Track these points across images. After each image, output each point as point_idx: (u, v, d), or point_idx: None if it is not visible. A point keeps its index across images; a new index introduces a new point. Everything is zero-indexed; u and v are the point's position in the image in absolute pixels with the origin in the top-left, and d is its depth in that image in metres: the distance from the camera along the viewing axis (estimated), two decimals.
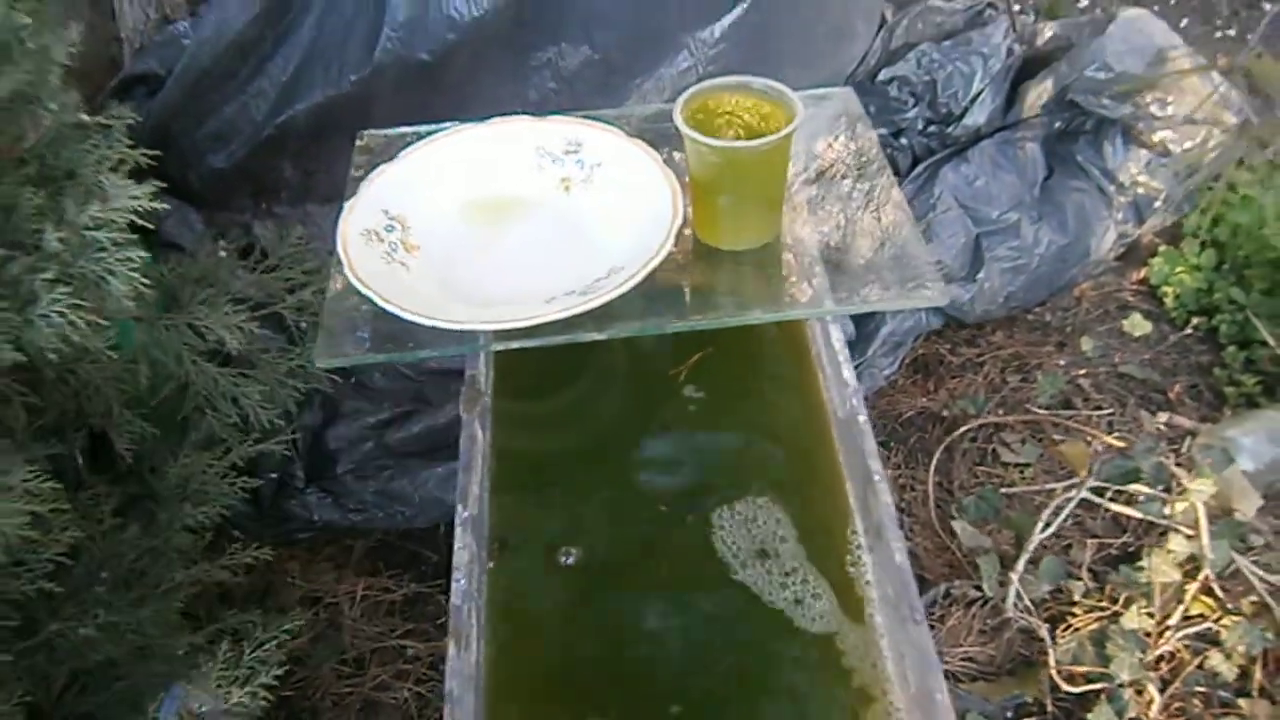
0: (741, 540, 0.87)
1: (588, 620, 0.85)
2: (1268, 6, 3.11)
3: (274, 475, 1.70)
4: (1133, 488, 1.51)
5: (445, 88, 1.69)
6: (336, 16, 1.68)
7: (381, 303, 0.80)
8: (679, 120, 0.86)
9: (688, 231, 0.92)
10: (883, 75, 2.10)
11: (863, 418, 0.84)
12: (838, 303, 0.86)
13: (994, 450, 1.90)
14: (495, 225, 0.92)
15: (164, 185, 0.94)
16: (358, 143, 1.06)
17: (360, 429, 1.78)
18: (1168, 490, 1.46)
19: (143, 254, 0.82)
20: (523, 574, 0.85)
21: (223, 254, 1.12)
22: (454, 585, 0.73)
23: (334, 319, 0.86)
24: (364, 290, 0.81)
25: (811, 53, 1.99)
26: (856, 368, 1.92)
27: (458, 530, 0.76)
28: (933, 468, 1.85)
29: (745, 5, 1.79)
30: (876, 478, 0.79)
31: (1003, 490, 1.80)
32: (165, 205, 0.87)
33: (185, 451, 1.09)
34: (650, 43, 1.79)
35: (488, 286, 0.86)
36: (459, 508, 0.78)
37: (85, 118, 0.86)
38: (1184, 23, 3.03)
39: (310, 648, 1.64)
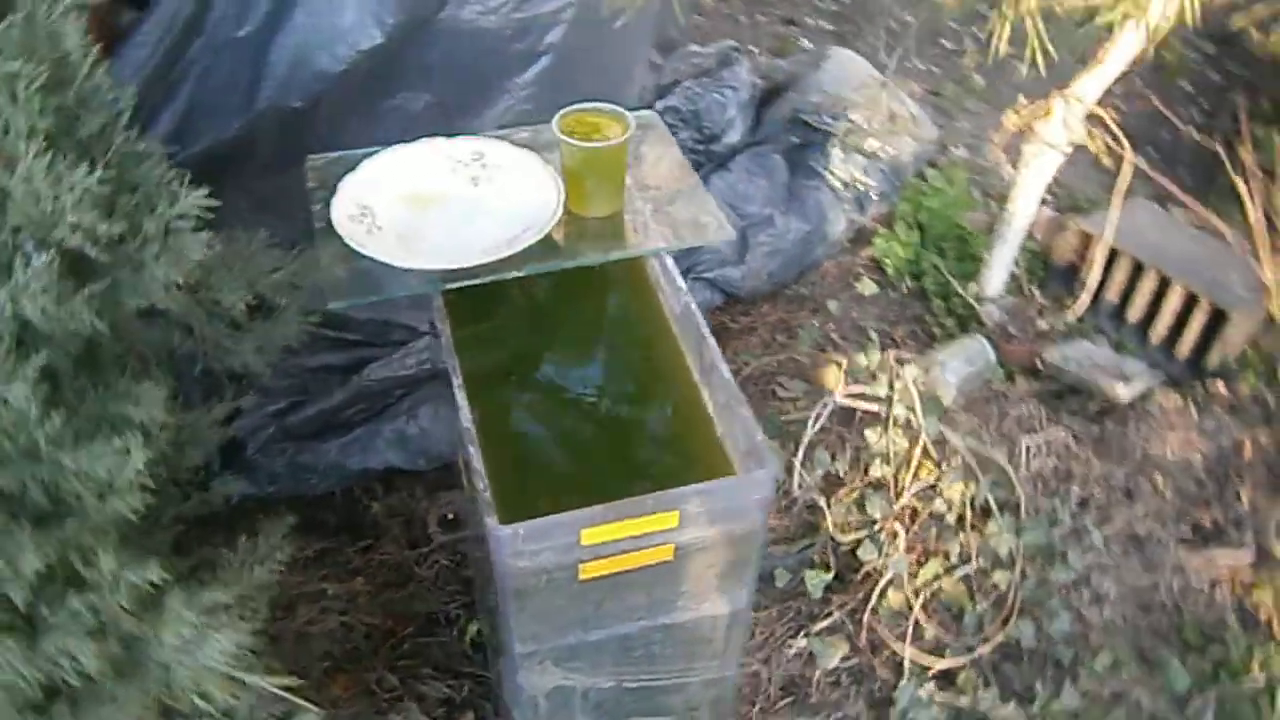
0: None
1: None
2: (969, 44, 3.90)
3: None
4: (870, 390, 2.08)
5: (317, 129, 2.06)
6: (216, 76, 2.02)
7: (379, 256, 1.21)
8: (556, 130, 1.32)
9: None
10: (658, 106, 2.63)
11: (693, 305, 1.31)
12: (664, 243, 1.35)
13: (773, 390, 2.45)
14: (429, 210, 1.34)
15: None
16: (311, 161, 1.45)
17: (261, 418, 2.10)
18: (891, 386, 2.04)
19: (207, 235, 1.17)
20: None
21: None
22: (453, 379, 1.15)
23: (333, 278, 1.26)
24: (361, 250, 1.22)
25: (601, 92, 2.47)
26: None
27: (448, 361, 1.17)
28: None
29: (549, 58, 2.25)
30: (706, 334, 1.26)
31: (782, 418, 2.34)
32: (218, 202, 1.23)
33: (188, 404, 1.42)
34: (476, 88, 2.23)
35: (437, 248, 1.27)
36: (447, 357, 1.19)
37: (141, 147, 1.21)
38: (897, 53, 3.74)
39: None
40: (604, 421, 1.36)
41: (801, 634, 1.96)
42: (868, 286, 2.73)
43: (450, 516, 2.14)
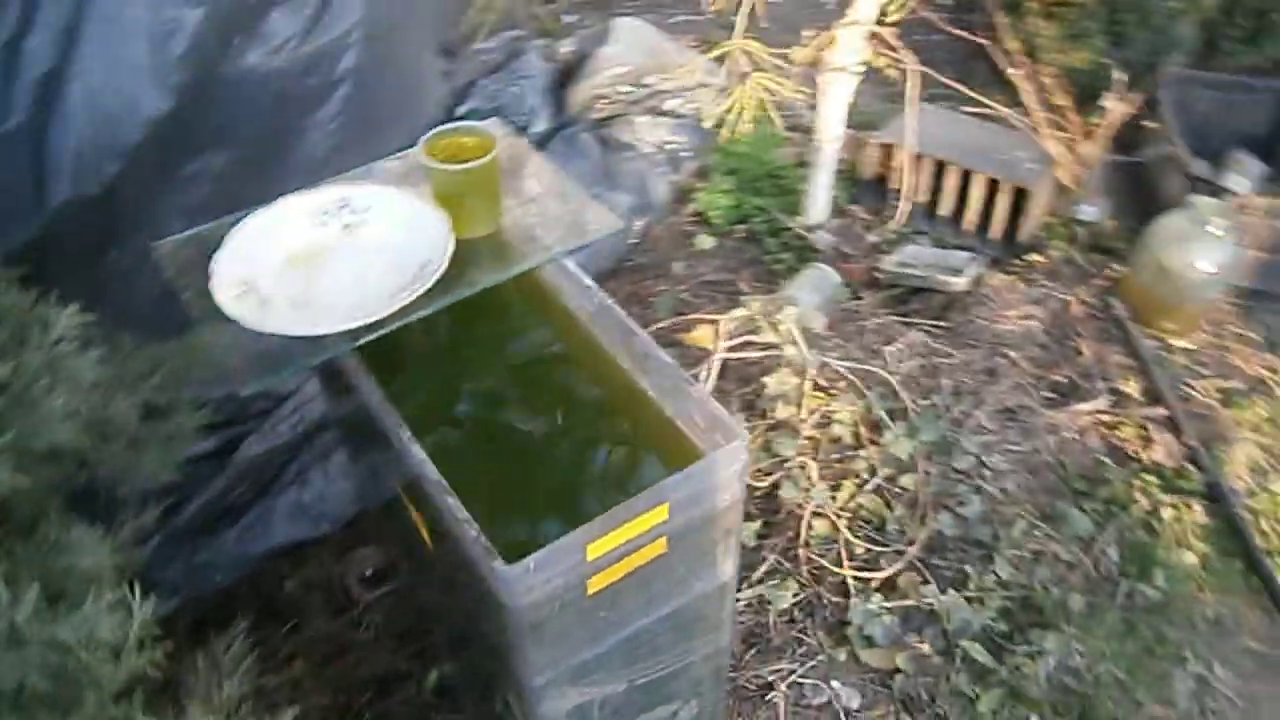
0: None
1: None
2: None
3: None
4: (755, 338, 2.14)
5: (121, 210, 1.91)
6: None
7: (279, 330, 1.14)
8: (424, 157, 1.28)
9: None
10: (460, 110, 2.59)
11: (610, 301, 1.31)
12: (560, 246, 1.34)
13: None
14: (314, 269, 1.27)
15: None
16: (159, 249, 1.35)
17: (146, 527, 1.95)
18: (775, 330, 2.11)
19: (96, 352, 1.07)
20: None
21: None
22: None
23: (230, 362, 1.18)
24: (259, 329, 1.15)
25: (403, 109, 2.43)
26: None
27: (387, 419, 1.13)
28: None
29: (345, 86, 2.17)
30: (634, 327, 1.27)
31: None
32: (91, 317, 1.13)
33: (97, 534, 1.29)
34: (280, 133, 2.12)
35: (336, 307, 1.21)
36: (384, 415, 1.15)
37: None
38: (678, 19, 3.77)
39: None
40: (551, 440, 1.35)
41: (746, 585, 2.02)
42: (702, 241, 2.80)
43: (369, 573, 2.07)
